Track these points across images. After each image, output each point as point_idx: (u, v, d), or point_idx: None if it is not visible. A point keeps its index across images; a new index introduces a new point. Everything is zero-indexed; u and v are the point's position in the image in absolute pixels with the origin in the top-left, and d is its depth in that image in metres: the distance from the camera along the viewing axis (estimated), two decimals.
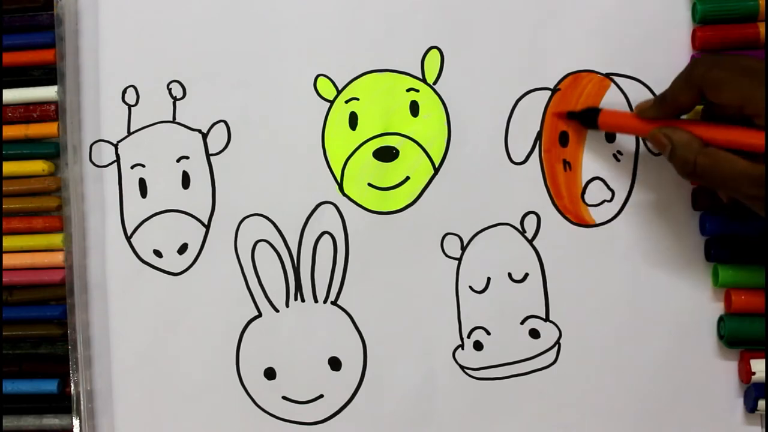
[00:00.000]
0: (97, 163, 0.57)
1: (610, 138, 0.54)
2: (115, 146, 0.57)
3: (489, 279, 0.55)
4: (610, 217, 0.54)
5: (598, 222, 0.54)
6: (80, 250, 0.56)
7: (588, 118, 0.52)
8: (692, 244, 0.53)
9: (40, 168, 0.56)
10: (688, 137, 0.46)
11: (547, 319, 0.54)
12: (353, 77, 0.55)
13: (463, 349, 0.55)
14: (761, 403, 0.52)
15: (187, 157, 0.56)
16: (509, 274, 0.55)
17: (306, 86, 0.56)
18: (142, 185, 0.57)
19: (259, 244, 0.56)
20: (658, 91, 0.53)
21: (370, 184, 0.55)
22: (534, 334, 0.54)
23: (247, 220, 0.56)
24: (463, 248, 0.55)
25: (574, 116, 0.53)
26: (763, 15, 0.51)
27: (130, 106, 0.57)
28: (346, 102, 0.55)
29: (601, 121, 0.51)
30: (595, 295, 0.54)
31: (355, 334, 0.56)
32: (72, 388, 0.56)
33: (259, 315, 0.56)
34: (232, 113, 0.56)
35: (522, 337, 0.54)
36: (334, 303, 0.56)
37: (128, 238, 0.57)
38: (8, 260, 0.56)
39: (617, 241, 0.54)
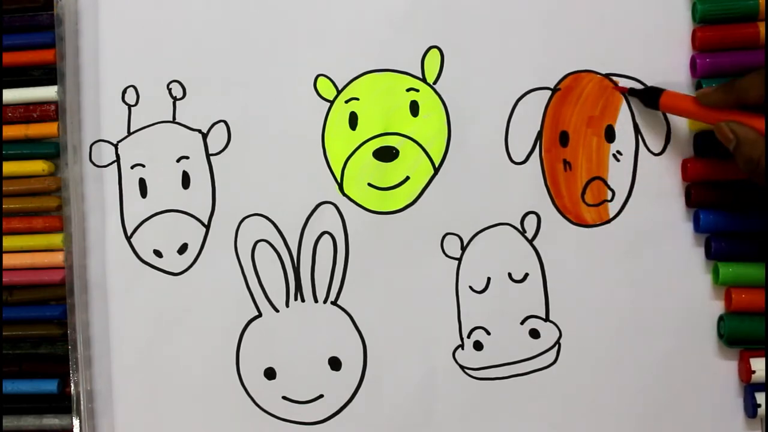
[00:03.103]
0: (97, 163, 0.57)
1: (610, 138, 0.54)
2: (115, 146, 0.57)
3: (489, 279, 0.55)
4: (610, 217, 0.54)
5: (598, 222, 0.54)
6: (80, 250, 0.56)
7: (650, 98, 0.52)
8: (692, 243, 0.53)
9: (40, 168, 0.56)
10: (755, 136, 0.45)
11: (547, 319, 0.54)
12: (353, 77, 0.55)
13: (463, 349, 0.55)
14: (761, 411, 0.52)
15: (187, 157, 0.56)
16: (509, 274, 0.55)
17: (306, 86, 0.56)
18: (142, 185, 0.57)
19: (259, 244, 0.56)
20: None
21: (370, 184, 0.55)
22: (534, 334, 0.54)
23: (247, 220, 0.56)
24: (463, 248, 0.55)
25: (635, 93, 0.53)
26: (763, 15, 0.51)
27: (130, 106, 0.57)
28: (346, 102, 0.55)
29: (662, 102, 0.51)
30: (595, 295, 0.54)
31: (355, 334, 0.56)
32: (72, 388, 0.56)
33: (259, 315, 0.56)
34: (232, 113, 0.56)
35: (522, 337, 0.54)
36: (334, 303, 0.56)
37: (128, 238, 0.57)
38: (8, 260, 0.56)
39: (617, 241, 0.54)
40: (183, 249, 0.56)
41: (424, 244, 0.55)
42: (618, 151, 0.54)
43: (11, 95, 0.56)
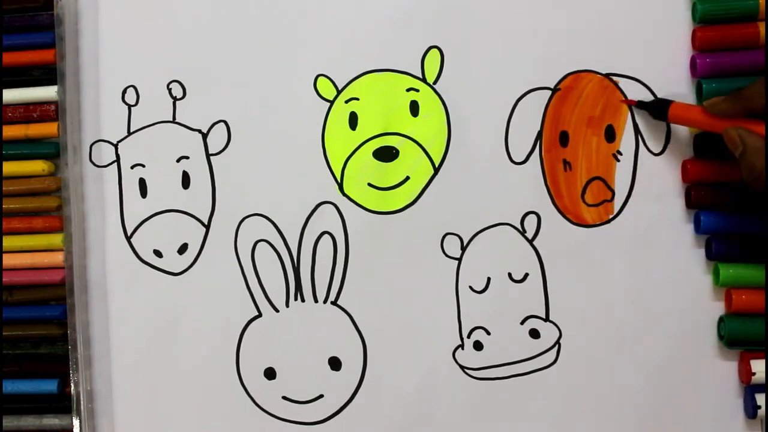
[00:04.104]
0: (97, 163, 0.57)
1: (610, 138, 0.54)
2: (115, 146, 0.57)
3: (489, 279, 0.55)
4: (610, 217, 0.54)
5: (598, 222, 0.54)
6: (80, 250, 0.56)
7: (658, 110, 0.52)
8: (692, 243, 0.53)
9: (40, 168, 0.56)
10: (761, 144, 0.46)
11: (547, 319, 0.54)
12: (353, 77, 0.55)
13: (463, 349, 0.55)
14: (761, 412, 0.52)
15: (187, 157, 0.56)
16: (509, 274, 0.55)
17: (306, 86, 0.56)
18: (142, 185, 0.57)
19: (259, 244, 0.56)
20: (658, 91, 0.53)
21: (370, 184, 0.55)
22: (534, 334, 0.54)
23: (247, 220, 0.56)
24: (463, 248, 0.55)
25: (644, 106, 0.53)
26: (763, 15, 0.51)
27: (130, 106, 0.57)
28: (346, 102, 0.55)
29: (671, 113, 0.51)
30: (595, 295, 0.54)
31: (355, 334, 0.56)
32: (72, 388, 0.56)
33: (259, 315, 0.56)
34: (232, 113, 0.56)
35: (522, 337, 0.54)
36: (334, 303, 0.56)
37: (128, 238, 0.57)
38: (8, 260, 0.56)
39: (617, 241, 0.54)
40: (183, 249, 0.56)
41: (424, 244, 0.55)
42: (618, 151, 0.54)
43: (11, 95, 0.56)
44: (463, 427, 0.55)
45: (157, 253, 0.57)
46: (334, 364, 0.56)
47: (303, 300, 0.56)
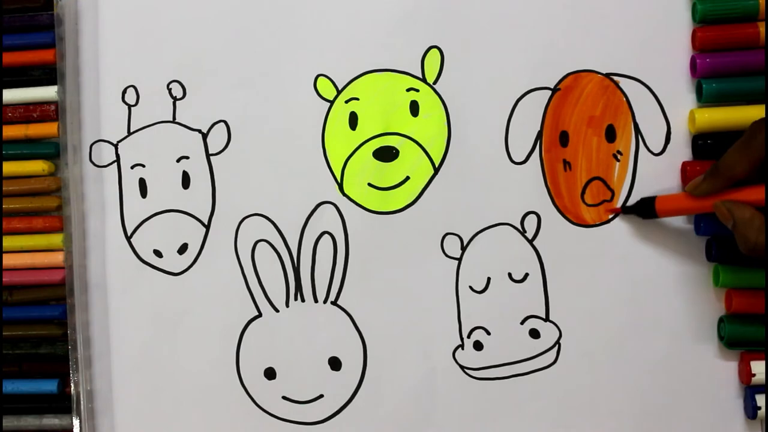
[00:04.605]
0: (97, 163, 0.57)
1: (610, 138, 0.54)
2: (115, 146, 0.57)
3: (489, 279, 0.55)
4: (610, 217, 0.54)
5: (598, 222, 0.54)
6: (80, 250, 0.56)
7: (644, 209, 0.52)
8: (693, 244, 0.53)
9: (40, 168, 0.56)
10: (750, 214, 0.46)
11: (547, 319, 0.54)
12: (353, 77, 0.55)
13: (463, 349, 0.55)
14: (761, 413, 0.52)
15: (187, 157, 0.56)
16: (509, 274, 0.55)
17: (306, 86, 0.56)
18: (142, 185, 0.57)
19: (259, 244, 0.56)
20: (658, 91, 0.53)
21: (370, 184, 0.55)
22: (534, 334, 0.54)
23: (247, 220, 0.56)
24: (463, 248, 0.55)
25: (629, 210, 0.53)
26: (763, 15, 0.51)
27: (130, 106, 0.57)
28: (346, 102, 0.55)
29: (659, 209, 0.51)
30: (595, 295, 0.54)
31: (355, 334, 0.56)
32: (72, 388, 0.56)
33: (259, 315, 0.56)
34: (232, 113, 0.56)
35: (522, 337, 0.54)
36: (334, 303, 0.56)
37: (128, 238, 0.57)
38: (8, 260, 0.56)
39: (617, 241, 0.54)
40: (183, 249, 0.56)
41: (424, 244, 0.55)
42: (618, 151, 0.54)
43: (11, 95, 0.56)
44: (463, 427, 0.55)
45: (157, 253, 0.57)
46: (334, 364, 0.56)
47: (303, 300, 0.56)
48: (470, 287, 0.55)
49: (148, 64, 0.57)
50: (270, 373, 0.56)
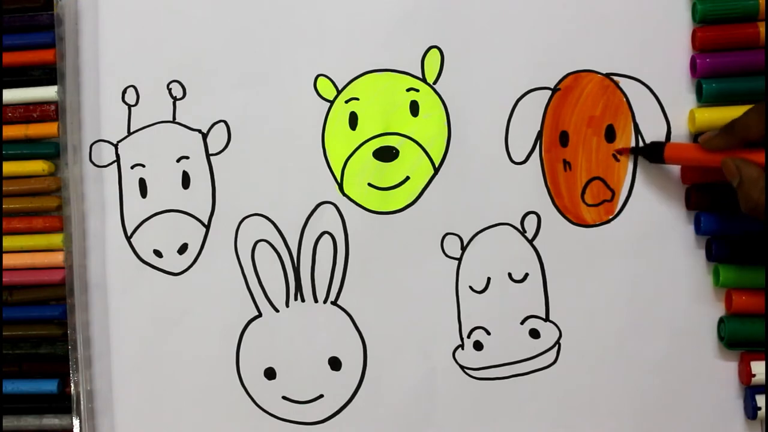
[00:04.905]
0: (97, 163, 0.57)
1: (610, 138, 0.54)
2: (115, 146, 0.57)
3: (489, 279, 0.55)
4: (610, 217, 0.54)
5: (598, 222, 0.54)
6: (80, 250, 0.56)
7: (653, 153, 0.52)
8: (693, 244, 0.53)
9: (40, 168, 0.56)
10: (758, 174, 0.45)
11: (547, 319, 0.54)
12: (353, 77, 0.55)
13: (463, 349, 0.55)
14: (761, 413, 0.52)
15: (187, 157, 0.56)
16: (509, 274, 0.55)
17: (306, 86, 0.56)
18: (142, 185, 0.57)
19: (259, 244, 0.56)
20: (658, 91, 0.53)
21: (370, 184, 0.55)
22: (534, 334, 0.54)
23: (247, 220, 0.56)
24: (463, 248, 0.55)
25: (637, 151, 0.53)
26: (763, 15, 0.51)
27: (130, 106, 0.57)
28: (346, 102, 0.55)
29: (667, 154, 0.51)
30: (595, 295, 0.54)
31: (355, 334, 0.56)
32: (72, 388, 0.56)
33: (259, 315, 0.56)
34: (232, 113, 0.56)
35: (522, 337, 0.54)
36: (334, 303, 0.56)
37: (128, 238, 0.57)
38: (8, 260, 0.56)
39: (617, 241, 0.54)
40: (183, 249, 0.56)
41: (424, 244, 0.55)
42: (618, 151, 0.54)
43: (11, 95, 0.56)
44: (463, 427, 0.55)
45: (157, 253, 0.57)
46: (334, 364, 0.56)
47: (303, 300, 0.56)
48: (470, 287, 0.55)
49: (148, 64, 0.57)
50: (270, 373, 0.56)
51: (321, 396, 0.56)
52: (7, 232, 0.57)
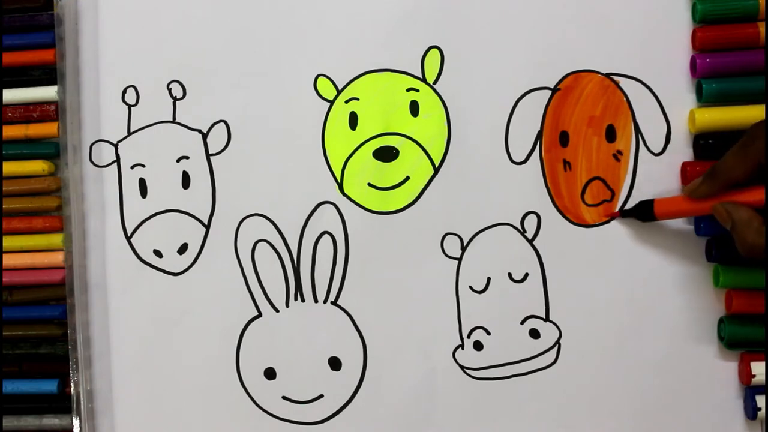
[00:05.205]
0: (97, 163, 0.57)
1: (611, 138, 0.54)
2: (115, 146, 0.57)
3: (489, 279, 0.55)
4: (610, 217, 0.54)
5: (598, 222, 0.54)
6: (80, 250, 0.56)
7: (643, 212, 0.52)
8: (693, 244, 0.53)
9: (40, 168, 0.56)
10: (749, 216, 0.45)
11: (547, 319, 0.54)
12: (353, 77, 0.55)
13: (463, 349, 0.55)
14: (761, 414, 0.52)
15: (187, 157, 0.56)
16: (509, 274, 0.55)
17: (306, 86, 0.56)
18: (142, 185, 0.57)
19: (259, 244, 0.56)
20: (658, 91, 0.53)
21: (370, 184, 0.55)
22: (534, 334, 0.54)
23: (247, 220, 0.56)
24: (463, 248, 0.55)
25: (628, 214, 0.53)
26: (763, 15, 0.51)
27: (130, 106, 0.57)
28: (346, 102, 0.55)
29: (657, 211, 0.51)
30: (595, 295, 0.54)
31: (355, 334, 0.56)
32: (72, 388, 0.56)
33: (259, 315, 0.56)
34: (232, 113, 0.56)
35: (522, 337, 0.54)
36: (334, 303, 0.56)
37: (128, 238, 0.57)
38: (8, 260, 0.56)
39: (617, 241, 0.54)
40: (183, 249, 0.56)
41: (424, 244, 0.55)
42: (618, 151, 0.54)
43: (11, 95, 0.56)
44: (463, 427, 0.55)
45: (157, 253, 0.57)
46: (334, 364, 0.56)
47: (303, 300, 0.56)
48: (470, 287, 0.55)
49: (148, 64, 0.57)
50: (270, 373, 0.56)
51: (321, 396, 0.56)
52: (7, 232, 0.57)
